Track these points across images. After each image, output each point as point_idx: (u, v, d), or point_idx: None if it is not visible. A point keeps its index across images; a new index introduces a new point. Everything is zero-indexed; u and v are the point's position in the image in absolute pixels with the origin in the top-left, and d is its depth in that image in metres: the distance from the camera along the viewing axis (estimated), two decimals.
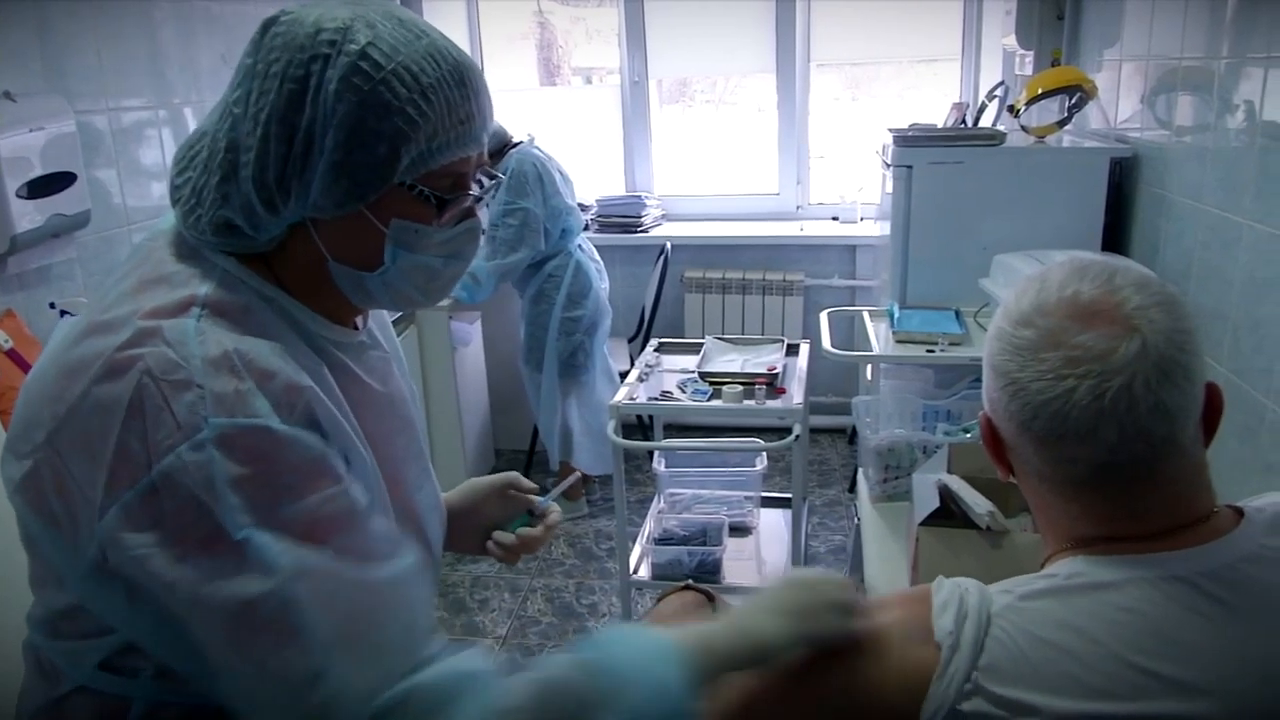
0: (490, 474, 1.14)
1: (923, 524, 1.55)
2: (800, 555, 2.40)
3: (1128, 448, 0.77)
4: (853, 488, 3.59)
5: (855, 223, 4.08)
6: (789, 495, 2.54)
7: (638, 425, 3.93)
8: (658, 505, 2.74)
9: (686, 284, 4.08)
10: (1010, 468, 0.86)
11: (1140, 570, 0.78)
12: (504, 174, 3.23)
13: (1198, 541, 0.79)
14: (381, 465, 0.87)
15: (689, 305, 4.08)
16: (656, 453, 2.79)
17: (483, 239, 3.30)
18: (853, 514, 3.26)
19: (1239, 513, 0.82)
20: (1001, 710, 0.76)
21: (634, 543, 2.57)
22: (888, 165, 2.67)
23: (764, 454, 2.69)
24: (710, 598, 1.02)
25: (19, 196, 1.88)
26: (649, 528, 2.61)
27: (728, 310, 4.05)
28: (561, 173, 3.30)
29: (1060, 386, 0.77)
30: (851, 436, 4.09)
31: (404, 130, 0.77)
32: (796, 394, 2.37)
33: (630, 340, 3.87)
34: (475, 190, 0.86)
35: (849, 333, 3.60)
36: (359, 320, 0.94)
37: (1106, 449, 0.77)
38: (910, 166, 2.49)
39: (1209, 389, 0.80)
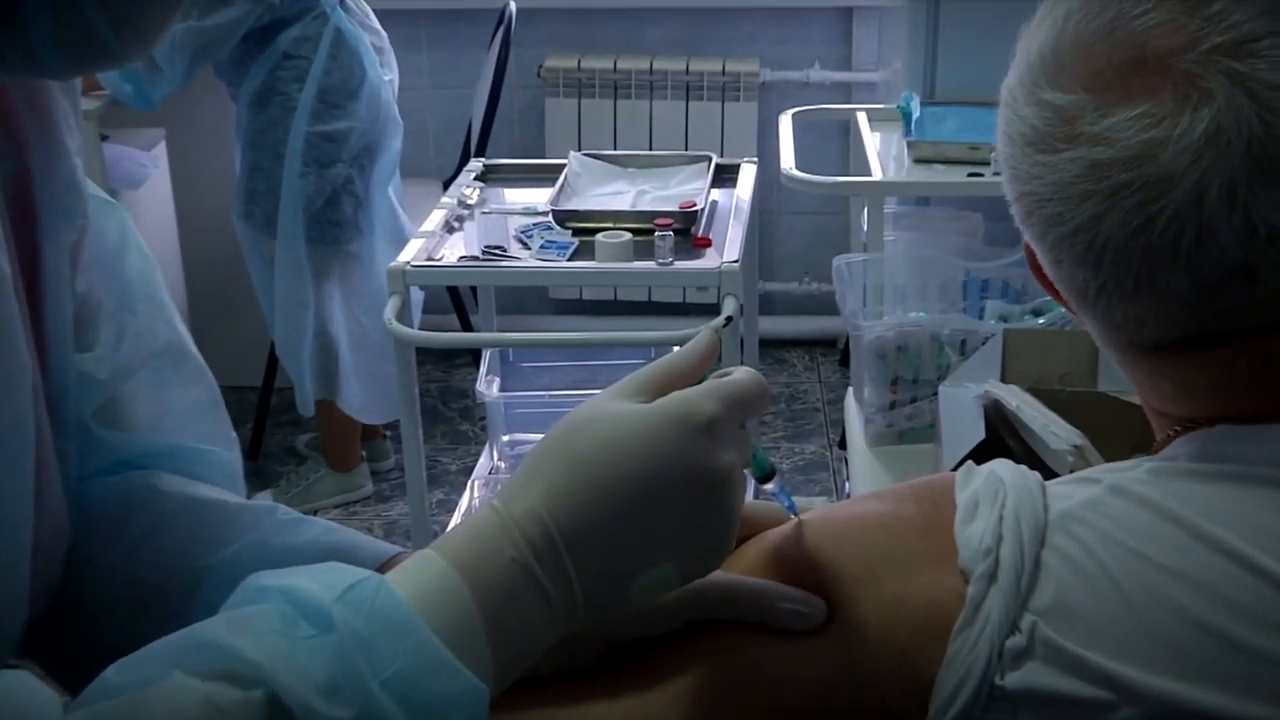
0: None
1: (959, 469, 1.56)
2: None
3: (1216, 300, 0.79)
4: (846, 442, 3.68)
5: None
6: None
7: (460, 321, 3.95)
8: (489, 459, 2.76)
9: (546, 81, 4.08)
10: None
11: None
12: None
13: None
14: None
15: (553, 118, 4.09)
16: (484, 366, 2.82)
17: None
18: (844, 476, 3.24)
19: None
20: (1091, 687, 0.75)
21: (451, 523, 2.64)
22: None
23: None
24: None
25: None
26: (471, 500, 2.65)
27: (622, 126, 4.05)
28: None
29: (1082, 212, 0.80)
30: (845, 354, 4.10)
31: None
32: (730, 246, 2.37)
33: (447, 183, 3.73)
34: None
35: (836, 154, 3.60)
36: None
37: (1179, 305, 0.80)
38: None
39: None
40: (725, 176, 2.69)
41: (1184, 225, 0.77)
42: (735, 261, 2.30)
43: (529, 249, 2.39)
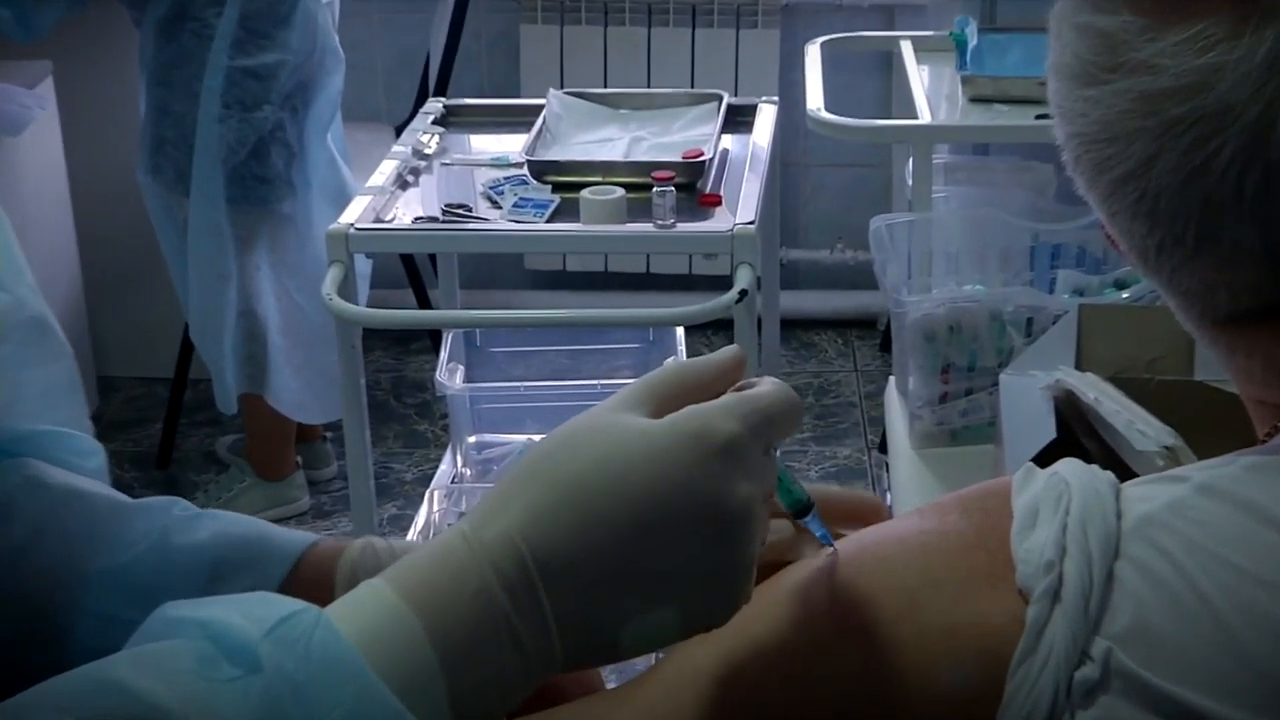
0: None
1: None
2: None
3: None
4: (887, 444, 3.71)
5: None
6: None
7: (416, 297, 3.98)
8: (452, 465, 2.74)
9: (521, 3, 4.16)
10: None
11: None
12: None
13: None
14: None
15: (529, 49, 4.16)
16: (446, 352, 2.79)
17: None
18: (884, 485, 3.28)
19: None
20: None
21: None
22: None
23: (678, 336, 2.69)
24: None
25: None
26: (429, 514, 2.64)
27: (614, 58, 4.13)
28: None
29: (1131, 154, 0.82)
30: (886, 337, 4.12)
31: None
32: (745, 205, 2.38)
33: (400, 129, 3.77)
34: None
35: (875, 92, 3.68)
36: None
37: (1252, 265, 0.82)
38: None
39: None
40: (740, 120, 2.69)
41: (1246, 167, 0.78)
42: (751, 223, 2.30)
43: (499, 208, 2.38)
